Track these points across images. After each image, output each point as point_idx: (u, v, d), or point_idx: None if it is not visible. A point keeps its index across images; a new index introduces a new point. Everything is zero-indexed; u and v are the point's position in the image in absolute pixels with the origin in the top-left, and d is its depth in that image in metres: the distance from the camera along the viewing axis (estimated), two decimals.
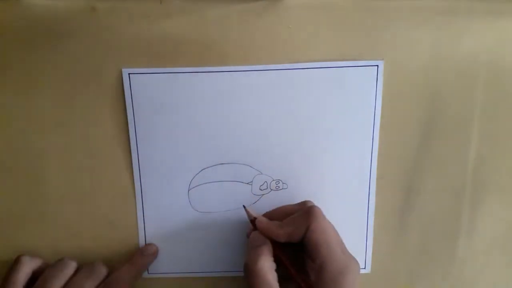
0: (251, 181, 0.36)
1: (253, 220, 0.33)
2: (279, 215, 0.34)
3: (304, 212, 0.31)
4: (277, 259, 0.31)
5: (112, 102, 0.35)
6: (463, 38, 0.34)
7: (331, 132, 0.36)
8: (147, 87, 0.34)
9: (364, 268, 0.38)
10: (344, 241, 0.31)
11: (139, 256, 0.36)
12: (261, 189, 0.37)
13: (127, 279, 0.34)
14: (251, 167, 0.36)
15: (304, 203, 0.34)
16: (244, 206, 0.34)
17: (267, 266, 0.30)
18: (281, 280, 0.30)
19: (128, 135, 0.35)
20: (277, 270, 0.31)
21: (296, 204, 0.35)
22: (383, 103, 0.35)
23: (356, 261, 0.30)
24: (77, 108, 0.35)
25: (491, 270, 0.39)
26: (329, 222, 0.31)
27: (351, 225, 0.37)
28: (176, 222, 0.37)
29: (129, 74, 0.34)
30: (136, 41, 0.33)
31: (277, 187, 0.37)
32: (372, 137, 0.36)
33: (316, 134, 0.36)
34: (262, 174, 0.36)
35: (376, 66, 0.34)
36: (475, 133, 0.36)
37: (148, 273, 0.38)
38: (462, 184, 0.37)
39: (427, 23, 0.34)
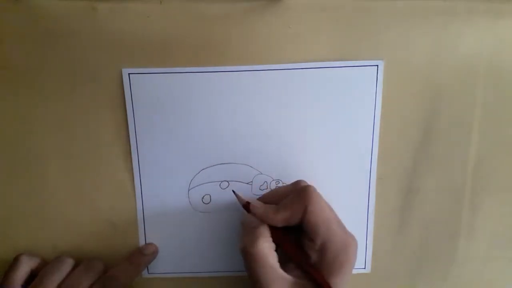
0: (251, 181, 0.36)
1: (246, 205, 0.32)
2: (274, 198, 0.33)
3: (299, 194, 0.30)
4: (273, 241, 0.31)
5: (112, 102, 0.35)
6: (463, 38, 0.34)
7: (331, 132, 0.36)
8: (147, 87, 0.34)
9: (364, 268, 0.38)
10: None
11: (139, 255, 0.36)
12: (261, 189, 0.36)
13: (124, 277, 0.34)
14: (251, 167, 0.36)
15: (297, 183, 0.33)
16: (233, 191, 0.33)
17: (266, 248, 0.29)
18: (279, 261, 0.30)
19: (128, 135, 0.35)
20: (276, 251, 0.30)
21: (289, 185, 0.33)
22: (383, 103, 0.35)
23: (354, 237, 0.30)
24: (77, 108, 0.35)
25: (491, 270, 0.39)
26: (325, 201, 0.31)
27: (351, 225, 0.37)
28: (176, 222, 0.37)
29: (129, 74, 0.34)
30: (136, 41, 0.33)
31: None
32: (372, 137, 0.36)
33: (316, 134, 0.36)
34: (262, 174, 0.36)
35: (376, 66, 0.34)
36: (475, 133, 0.36)
37: (148, 273, 0.38)
38: (462, 184, 0.37)
39: (427, 23, 0.34)
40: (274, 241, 0.30)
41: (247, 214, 0.32)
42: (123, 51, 0.33)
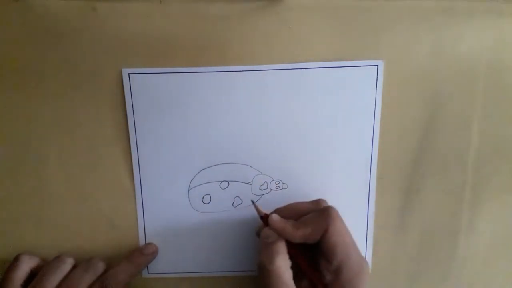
0: (251, 181, 0.36)
1: (264, 217, 0.32)
2: (291, 212, 0.33)
3: (321, 213, 0.31)
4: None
5: (112, 102, 0.35)
6: (463, 38, 0.34)
7: (331, 132, 0.36)
8: (147, 87, 0.34)
9: None
10: None
11: (139, 255, 0.36)
12: (261, 189, 0.37)
13: (124, 276, 0.34)
14: (251, 167, 0.36)
15: (318, 203, 0.33)
16: (253, 202, 0.33)
17: (283, 266, 0.29)
18: (294, 277, 0.30)
19: (128, 135, 0.35)
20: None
21: (309, 203, 0.33)
22: (383, 103, 0.35)
23: (367, 262, 0.31)
24: (77, 108, 0.35)
25: (491, 270, 0.39)
26: (345, 225, 0.31)
27: (351, 225, 0.37)
28: (176, 222, 0.37)
29: (129, 74, 0.34)
30: (136, 41, 0.33)
31: (277, 187, 0.37)
32: (372, 137, 0.36)
33: (316, 134, 0.36)
34: (262, 174, 0.36)
35: (376, 66, 0.34)
36: (475, 133, 0.36)
37: (148, 273, 0.38)
38: (462, 184, 0.37)
39: (427, 23, 0.34)
40: (289, 257, 0.30)
41: (266, 227, 0.32)
42: (123, 51, 0.33)
